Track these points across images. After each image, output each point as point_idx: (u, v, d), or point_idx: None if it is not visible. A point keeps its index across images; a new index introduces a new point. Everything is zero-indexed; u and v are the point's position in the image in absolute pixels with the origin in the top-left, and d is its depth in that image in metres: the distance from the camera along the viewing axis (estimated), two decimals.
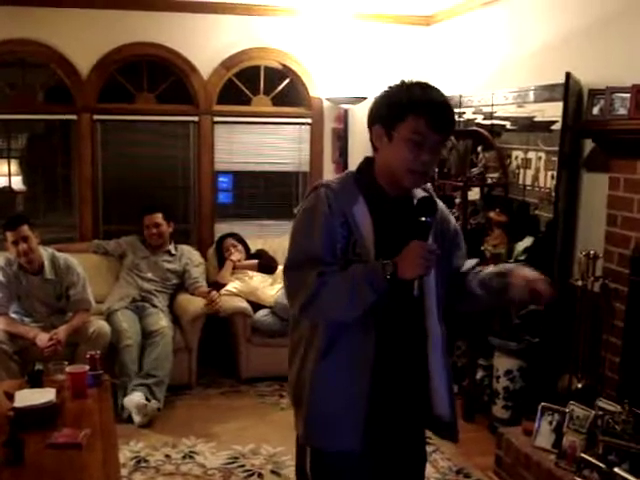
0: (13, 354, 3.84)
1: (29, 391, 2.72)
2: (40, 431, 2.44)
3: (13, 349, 3.84)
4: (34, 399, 2.59)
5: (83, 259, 4.41)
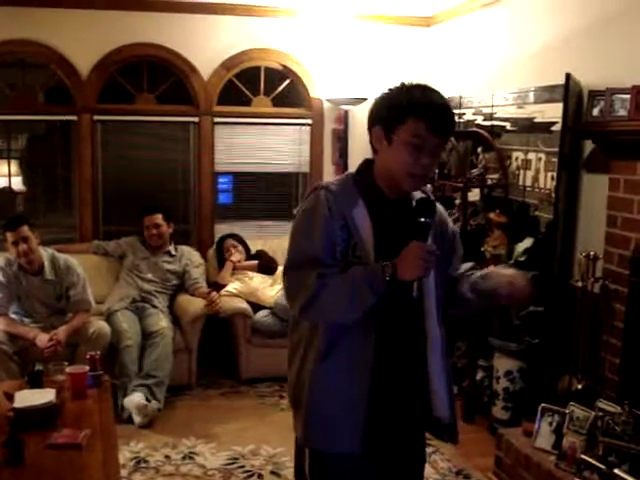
0: (13, 355, 3.83)
1: (29, 391, 2.72)
2: (40, 432, 2.44)
3: (13, 350, 3.84)
4: (34, 399, 2.59)
5: (83, 260, 4.42)
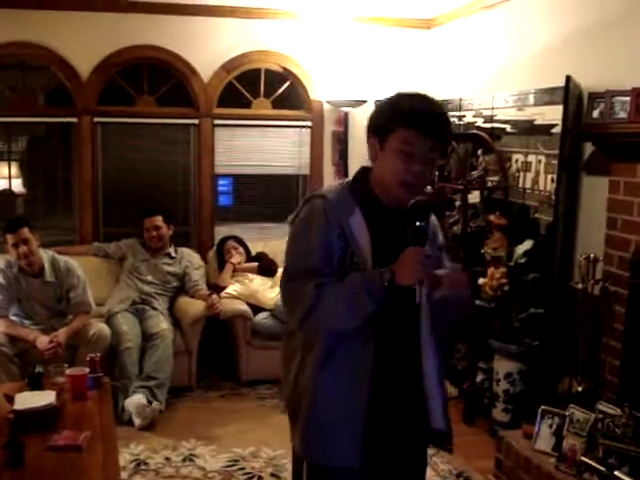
0: (13, 357, 3.83)
1: (29, 393, 2.72)
2: (40, 434, 2.44)
3: (13, 352, 3.84)
4: (34, 401, 2.60)
5: (83, 262, 4.42)
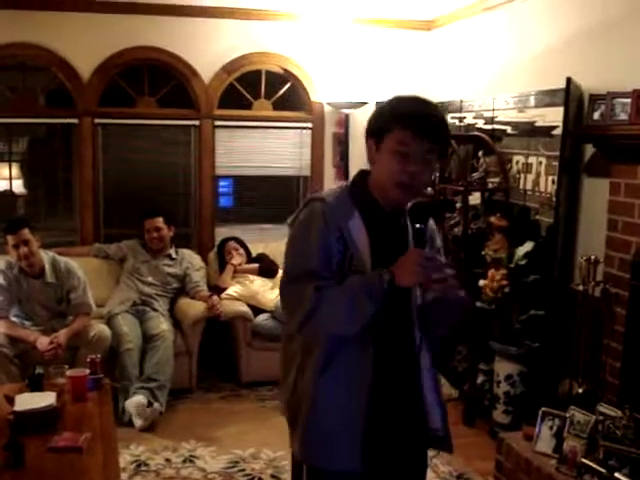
0: (13, 357, 3.83)
1: (29, 395, 2.72)
2: (40, 435, 2.44)
3: (13, 352, 3.84)
4: (34, 403, 2.60)
5: (84, 263, 4.42)
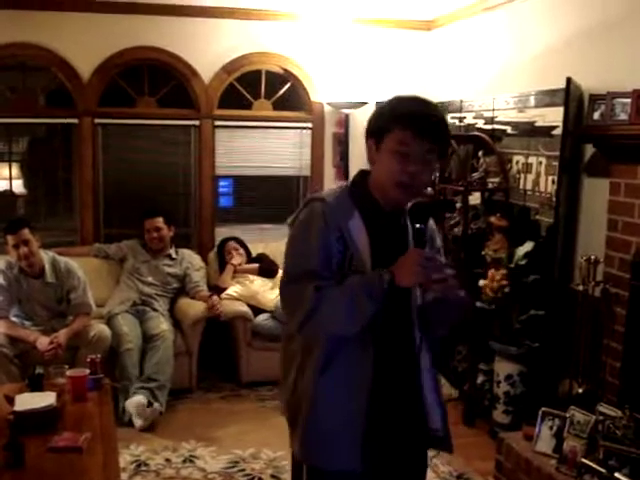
0: (13, 357, 3.83)
1: (29, 395, 2.72)
2: (40, 435, 2.44)
3: (14, 352, 3.84)
4: (34, 403, 2.60)
5: (84, 263, 4.42)
